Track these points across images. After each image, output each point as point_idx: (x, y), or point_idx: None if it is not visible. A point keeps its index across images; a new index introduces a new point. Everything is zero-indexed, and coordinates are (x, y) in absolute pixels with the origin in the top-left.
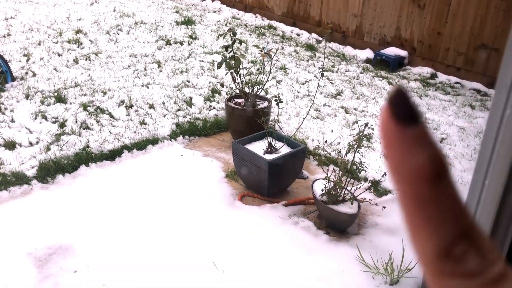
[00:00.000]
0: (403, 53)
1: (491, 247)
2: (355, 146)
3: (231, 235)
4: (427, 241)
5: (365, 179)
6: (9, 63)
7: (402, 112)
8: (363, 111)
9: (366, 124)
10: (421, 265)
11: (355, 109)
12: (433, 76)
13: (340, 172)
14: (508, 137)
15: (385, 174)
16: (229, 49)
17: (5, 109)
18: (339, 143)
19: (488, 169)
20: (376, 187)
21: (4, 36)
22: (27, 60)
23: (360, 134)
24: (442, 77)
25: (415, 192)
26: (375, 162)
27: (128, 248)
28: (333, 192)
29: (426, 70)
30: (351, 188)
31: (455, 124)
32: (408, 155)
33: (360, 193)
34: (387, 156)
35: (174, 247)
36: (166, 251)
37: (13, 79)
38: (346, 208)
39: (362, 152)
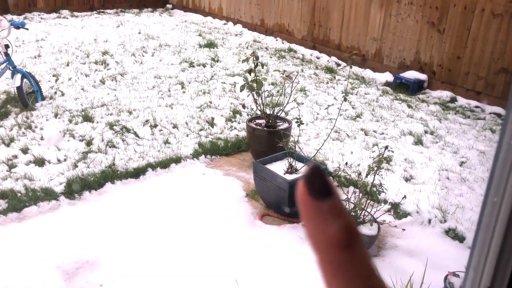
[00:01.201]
0: (423, 76)
1: None
2: (375, 168)
3: (252, 253)
4: None
5: (385, 201)
6: (39, 83)
7: (317, 188)
8: (382, 133)
9: (386, 147)
10: None
11: (374, 131)
12: (453, 99)
13: (360, 194)
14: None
15: (404, 196)
16: (252, 72)
17: (35, 127)
18: (358, 164)
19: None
20: (395, 209)
21: (35, 57)
22: (56, 80)
23: (380, 156)
24: (461, 100)
25: (330, 257)
26: (394, 185)
27: (152, 264)
28: (353, 214)
29: (446, 94)
30: (371, 210)
31: (475, 147)
32: (323, 226)
33: (380, 215)
34: (305, 227)
35: (196, 264)
36: (189, 267)
37: (43, 98)
38: (366, 230)
39: (382, 174)
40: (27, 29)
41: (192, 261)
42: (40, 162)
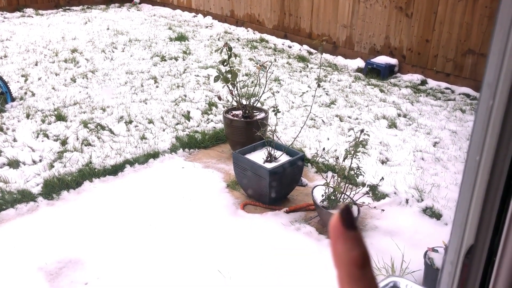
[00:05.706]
0: (393, 61)
1: None
2: (352, 152)
3: (235, 243)
4: None
5: (363, 184)
6: (8, 84)
7: (347, 221)
8: (357, 118)
9: (362, 130)
10: None
11: (349, 117)
12: (423, 82)
13: (339, 178)
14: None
15: (382, 178)
16: (225, 63)
17: (7, 129)
18: (335, 150)
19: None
20: (374, 192)
21: (1, 58)
22: (25, 81)
23: (356, 140)
24: (432, 83)
25: (351, 272)
26: (371, 167)
27: (136, 258)
28: (333, 198)
29: (416, 77)
30: (350, 193)
31: (447, 128)
32: (349, 249)
33: (359, 198)
34: (333, 248)
35: (180, 257)
36: (173, 261)
37: (13, 99)
38: None
39: (359, 158)
40: None
41: (176, 254)
42: (15, 164)
